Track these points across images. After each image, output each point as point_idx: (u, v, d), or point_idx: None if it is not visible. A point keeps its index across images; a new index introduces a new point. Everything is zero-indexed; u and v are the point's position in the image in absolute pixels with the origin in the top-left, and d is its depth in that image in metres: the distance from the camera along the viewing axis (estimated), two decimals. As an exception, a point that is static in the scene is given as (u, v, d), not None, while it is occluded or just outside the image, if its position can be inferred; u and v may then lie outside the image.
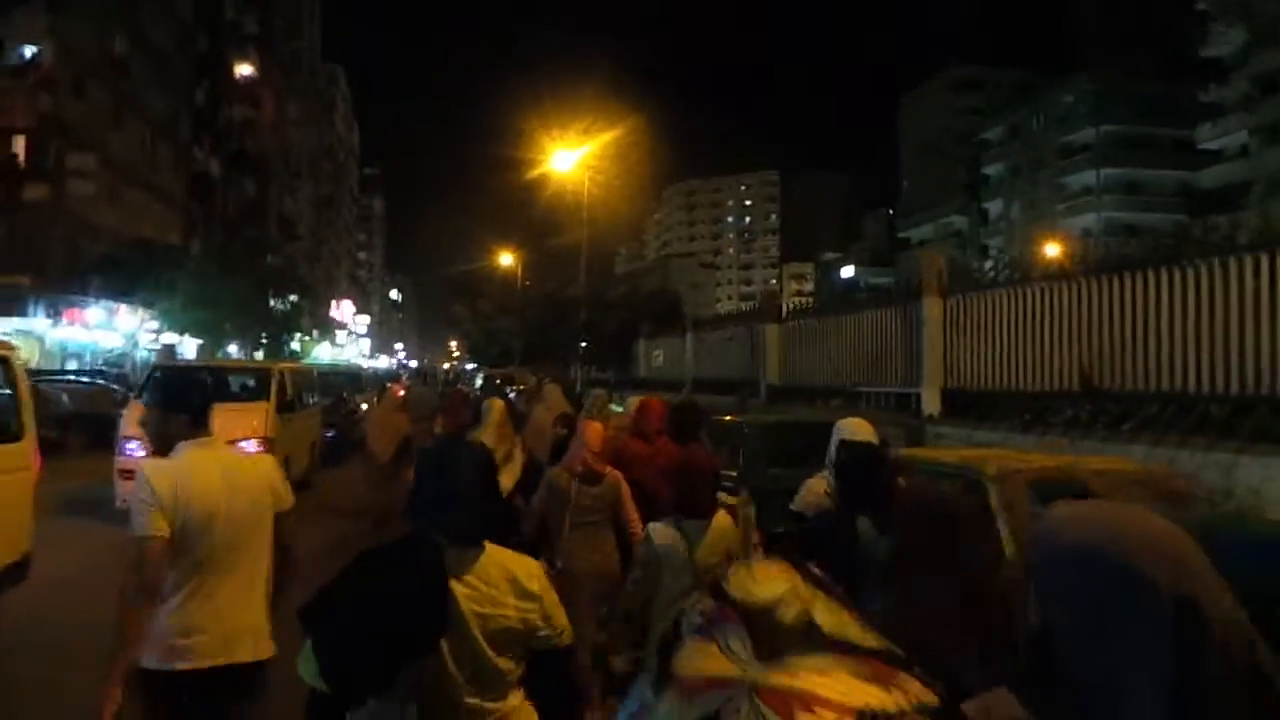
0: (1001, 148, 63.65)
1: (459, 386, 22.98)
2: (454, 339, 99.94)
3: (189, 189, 39.35)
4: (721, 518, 3.43)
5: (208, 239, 37.85)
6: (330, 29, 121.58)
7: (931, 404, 10.11)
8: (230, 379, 12.07)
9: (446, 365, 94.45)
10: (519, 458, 5.38)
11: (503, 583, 1.98)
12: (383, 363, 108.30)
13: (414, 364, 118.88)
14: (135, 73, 31.07)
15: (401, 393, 11.15)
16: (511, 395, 15.62)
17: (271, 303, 41.68)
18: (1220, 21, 45.34)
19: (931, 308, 10.36)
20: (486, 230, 56.14)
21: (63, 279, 24.83)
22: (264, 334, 40.84)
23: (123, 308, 27.21)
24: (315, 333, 73.77)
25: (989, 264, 12.32)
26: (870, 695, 0.95)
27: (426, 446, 3.39)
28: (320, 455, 14.03)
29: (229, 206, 44.62)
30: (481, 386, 25.09)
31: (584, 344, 28.18)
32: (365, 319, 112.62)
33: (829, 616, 1.04)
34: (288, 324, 43.86)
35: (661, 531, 3.32)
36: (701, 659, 1.02)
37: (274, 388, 11.42)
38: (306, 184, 73.54)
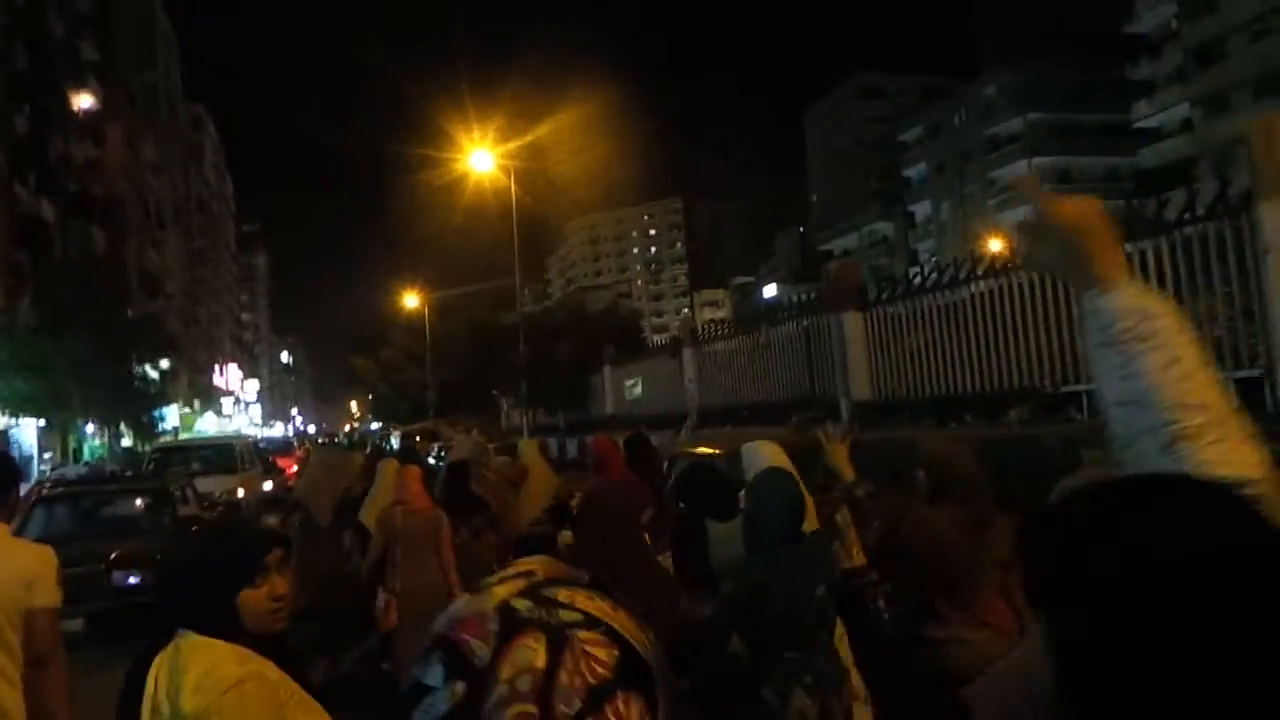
0: (921, 148, 61.63)
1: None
2: (354, 399, 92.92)
3: (12, 237, 32.12)
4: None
5: (42, 297, 30.68)
6: (195, 69, 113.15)
7: None
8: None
9: (347, 428, 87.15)
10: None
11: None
12: (278, 430, 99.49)
13: (312, 429, 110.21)
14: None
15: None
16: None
17: (137, 368, 34.72)
18: (1145, -4, 43.93)
19: None
20: (385, 276, 50.14)
21: None
22: (127, 409, 33.82)
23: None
24: (196, 403, 65.63)
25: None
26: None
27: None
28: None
29: (72, 259, 37.28)
30: (399, 450, 19.56)
31: (526, 384, 22.57)
32: (254, 384, 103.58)
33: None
34: (154, 395, 36.76)
35: None
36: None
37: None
38: (174, 237, 65.60)
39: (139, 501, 9.12)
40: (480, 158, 22.46)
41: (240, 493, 14.69)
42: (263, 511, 15.87)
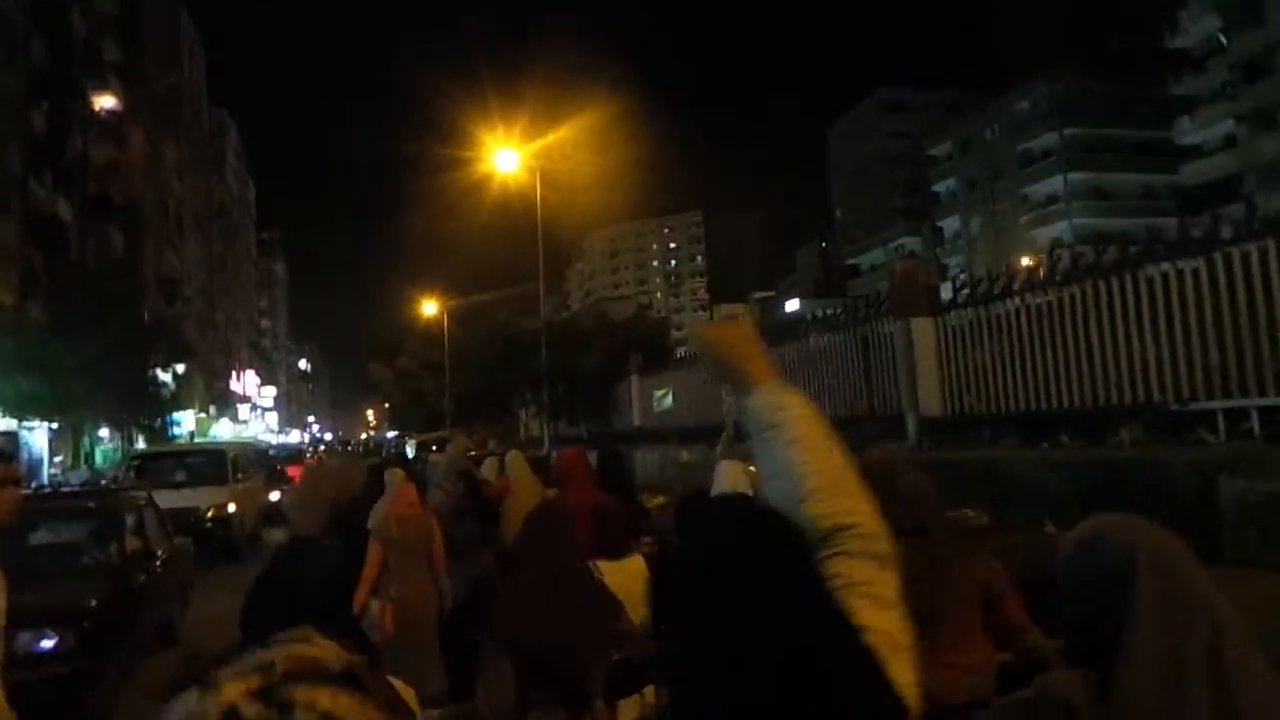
0: (951, 163, 60.43)
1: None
2: (371, 407, 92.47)
3: (26, 235, 31.55)
4: (635, 560, 3.66)
5: (55, 298, 30.05)
6: (219, 74, 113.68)
7: None
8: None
9: (364, 435, 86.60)
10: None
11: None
12: (294, 437, 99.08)
13: (329, 437, 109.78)
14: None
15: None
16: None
17: (152, 372, 34.03)
18: (1190, 9, 42.68)
19: None
20: (403, 283, 49.46)
21: None
22: (140, 412, 33.14)
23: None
24: (212, 408, 65.12)
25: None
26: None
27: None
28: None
29: (89, 260, 36.74)
30: (413, 458, 18.55)
31: (549, 392, 21.55)
32: (271, 391, 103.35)
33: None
34: (169, 399, 36.08)
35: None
36: None
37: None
38: (193, 242, 65.31)
39: (74, 528, 6.37)
40: (504, 157, 21.59)
41: (231, 507, 13.23)
42: (261, 526, 14.83)
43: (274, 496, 15.31)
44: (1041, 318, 7.99)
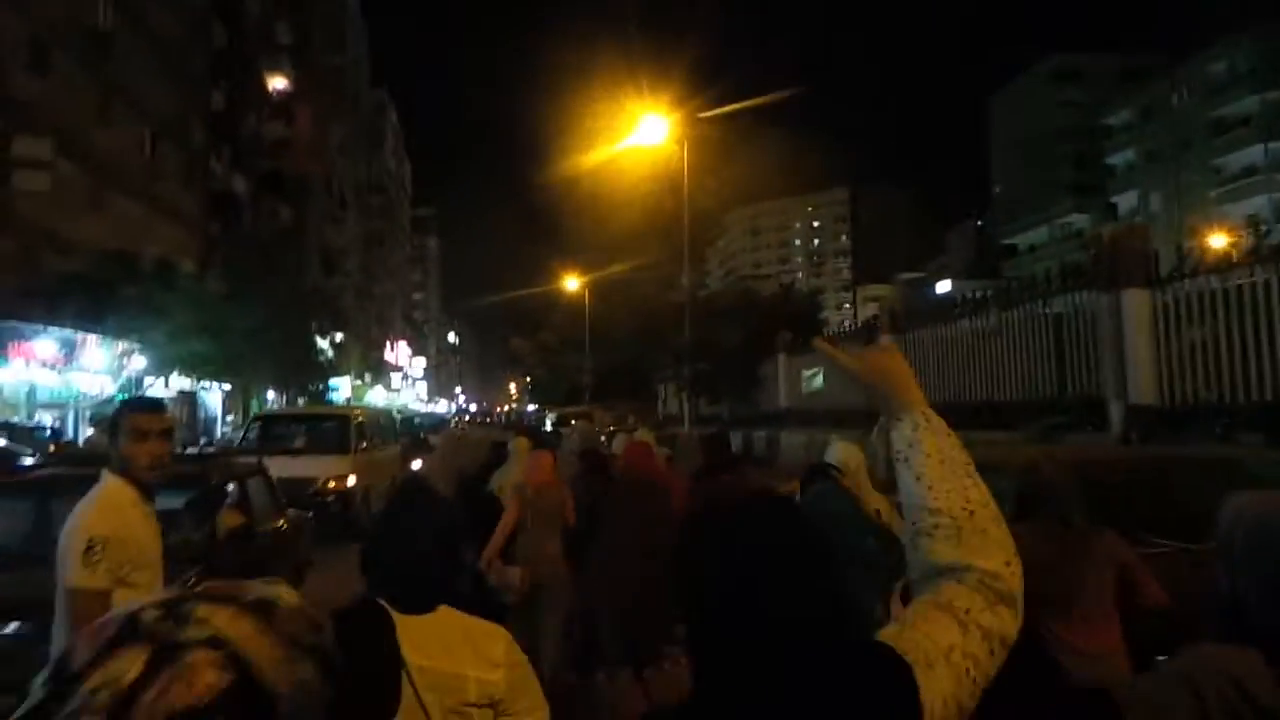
0: (1130, 133, 55.48)
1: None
2: (513, 380, 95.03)
3: (207, 208, 33.67)
4: None
5: (229, 267, 32.00)
6: (379, 57, 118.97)
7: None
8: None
9: (505, 408, 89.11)
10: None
11: (461, 652, 1.77)
12: (441, 407, 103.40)
13: (474, 408, 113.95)
14: (125, 54, 25.34)
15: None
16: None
17: (313, 339, 35.90)
18: None
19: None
20: (548, 256, 50.03)
21: (13, 302, 18.77)
22: (301, 377, 34.97)
23: (90, 339, 21.08)
24: (368, 376, 68.57)
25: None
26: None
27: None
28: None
29: (260, 232, 38.98)
30: (550, 432, 18.42)
31: (690, 368, 20.96)
32: (421, 362, 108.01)
33: None
34: (327, 365, 37.94)
35: None
36: None
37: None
38: (353, 217, 68.62)
39: (168, 497, 4.15)
40: (651, 126, 21.04)
41: (352, 480, 11.95)
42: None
43: (416, 465, 14.79)
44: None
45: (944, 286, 77.14)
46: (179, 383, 26.23)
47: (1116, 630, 2.56)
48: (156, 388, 25.51)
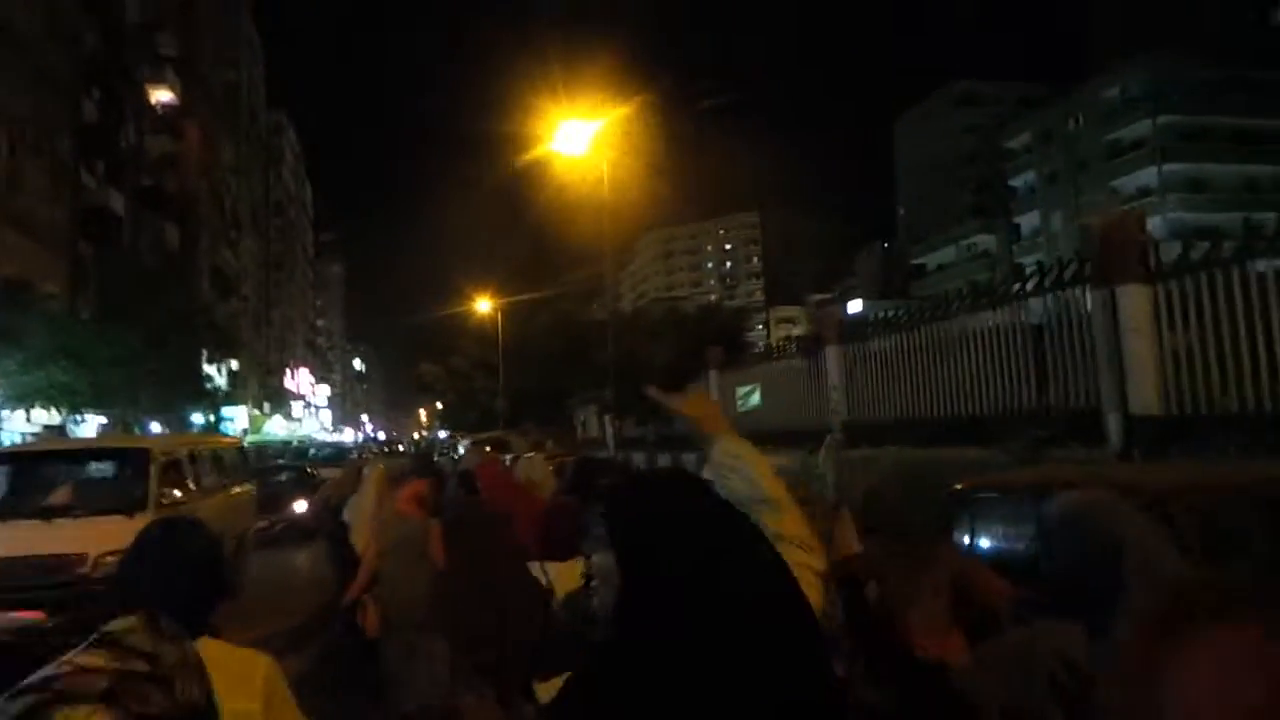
0: (1030, 155, 57.22)
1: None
2: (423, 407, 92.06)
3: (77, 224, 30.71)
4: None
5: (103, 289, 29.16)
6: (280, 79, 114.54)
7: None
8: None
9: (416, 435, 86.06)
10: None
11: (218, 682, 1.52)
12: (347, 436, 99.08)
13: (381, 436, 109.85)
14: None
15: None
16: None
17: (207, 368, 33.19)
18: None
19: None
20: (459, 279, 48.34)
21: None
22: (189, 406, 32.23)
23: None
24: (267, 405, 64.82)
25: None
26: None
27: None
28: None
29: (141, 253, 35.96)
30: (419, 459, 16.62)
31: (612, 388, 19.61)
32: (326, 389, 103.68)
33: None
34: (215, 394, 35.18)
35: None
36: None
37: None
38: (250, 239, 65.12)
39: None
40: (568, 134, 19.77)
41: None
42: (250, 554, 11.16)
43: (300, 507, 12.55)
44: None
45: (855, 306, 78.21)
46: (43, 416, 23.44)
47: (958, 635, 2.60)
48: (15, 420, 22.72)
